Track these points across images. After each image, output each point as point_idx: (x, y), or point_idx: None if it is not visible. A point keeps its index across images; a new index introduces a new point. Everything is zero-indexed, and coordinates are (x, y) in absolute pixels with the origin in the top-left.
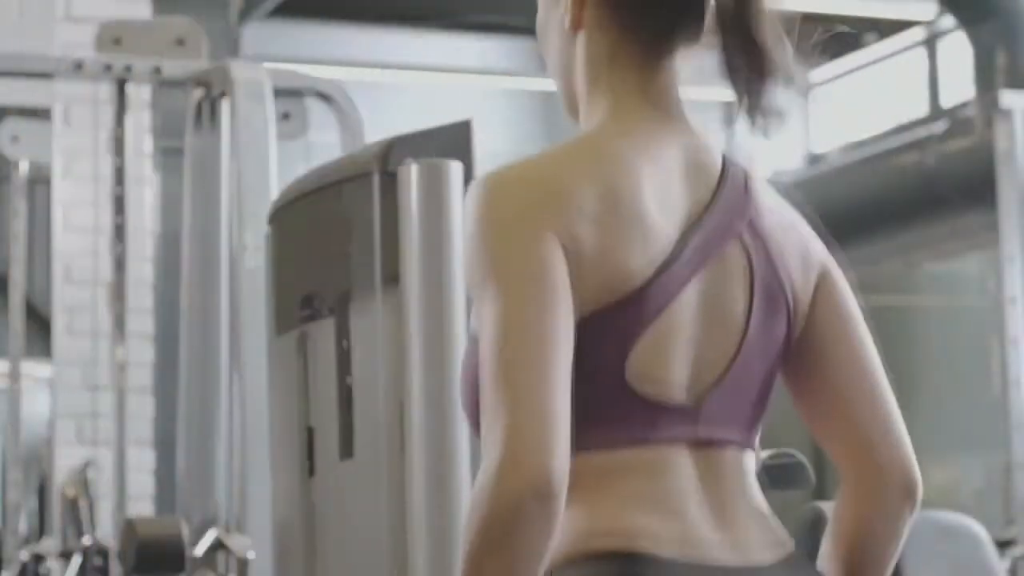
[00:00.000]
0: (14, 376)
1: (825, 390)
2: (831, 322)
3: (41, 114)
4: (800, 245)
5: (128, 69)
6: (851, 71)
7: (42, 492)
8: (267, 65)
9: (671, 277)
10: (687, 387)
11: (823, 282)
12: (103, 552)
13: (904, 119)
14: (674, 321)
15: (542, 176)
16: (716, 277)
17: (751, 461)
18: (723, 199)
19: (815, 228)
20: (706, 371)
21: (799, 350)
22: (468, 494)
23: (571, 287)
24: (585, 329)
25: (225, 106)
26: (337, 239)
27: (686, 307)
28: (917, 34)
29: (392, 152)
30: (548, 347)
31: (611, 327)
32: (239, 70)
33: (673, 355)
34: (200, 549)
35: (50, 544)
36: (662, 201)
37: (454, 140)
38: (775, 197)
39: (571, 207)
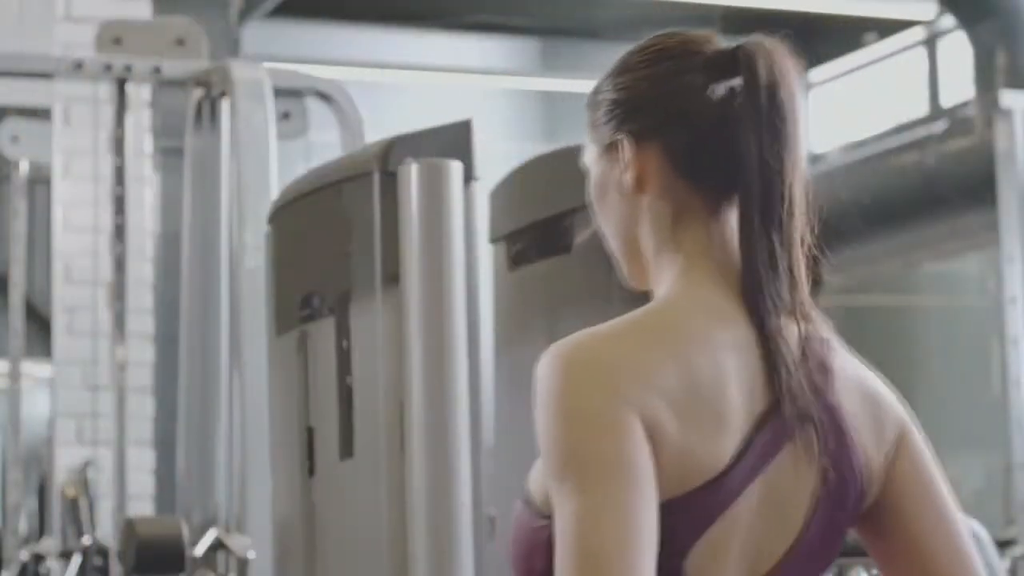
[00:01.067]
0: (14, 376)
1: (907, 553)
2: (909, 488)
3: (41, 114)
4: (875, 414)
5: (128, 69)
6: (851, 71)
7: (42, 492)
8: (267, 65)
9: (743, 469)
10: (746, 573)
11: (900, 447)
12: (103, 552)
13: (904, 119)
14: (740, 512)
15: (622, 355)
16: (786, 464)
17: None
18: (801, 379)
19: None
20: (765, 559)
21: (877, 515)
22: (467, 493)
23: (661, 473)
24: None
25: (225, 106)
26: (337, 239)
27: (753, 496)
28: (917, 34)
29: (392, 152)
30: (631, 546)
31: (677, 518)
32: (239, 70)
33: (734, 546)
34: (200, 549)
35: (50, 544)
36: (740, 382)
37: (454, 140)
38: (850, 361)
39: (653, 391)
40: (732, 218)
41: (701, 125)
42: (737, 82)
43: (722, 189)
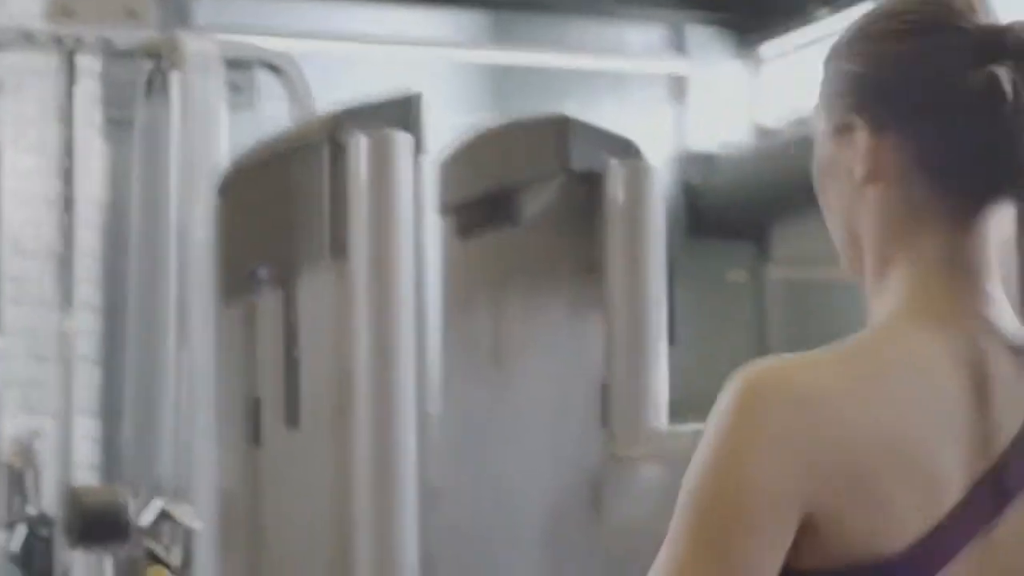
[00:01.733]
0: None
1: None
2: None
3: None
4: None
5: (78, 40)
6: (805, 45)
7: None
8: (217, 36)
9: (955, 532)
10: None
11: None
12: (48, 522)
13: None
14: None
15: (816, 404)
16: (1017, 528)
17: None
18: None
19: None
20: None
21: None
22: (412, 462)
23: (817, 539)
24: None
25: (175, 77)
26: (285, 210)
27: (971, 563)
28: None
29: (341, 124)
30: None
31: None
32: (189, 41)
33: None
34: (145, 519)
35: None
36: (965, 431)
37: (403, 112)
38: None
39: (834, 462)
40: (983, 229)
41: (958, 118)
42: (1008, 69)
43: (977, 194)
